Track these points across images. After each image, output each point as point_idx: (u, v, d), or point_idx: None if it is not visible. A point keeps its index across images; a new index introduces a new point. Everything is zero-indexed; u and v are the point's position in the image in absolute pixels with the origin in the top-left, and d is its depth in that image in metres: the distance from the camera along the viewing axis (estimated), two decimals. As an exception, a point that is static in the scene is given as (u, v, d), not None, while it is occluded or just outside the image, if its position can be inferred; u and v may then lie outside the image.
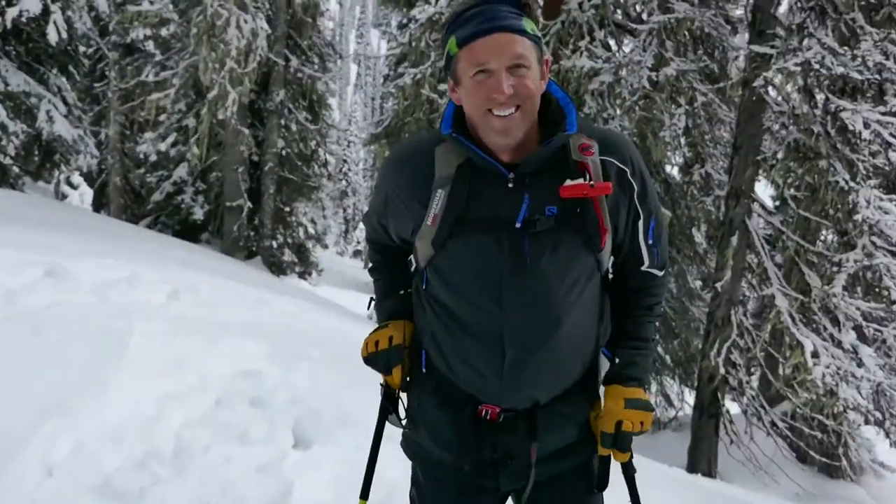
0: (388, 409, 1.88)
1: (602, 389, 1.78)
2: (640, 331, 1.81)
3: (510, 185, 1.61)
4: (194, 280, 5.95)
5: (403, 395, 1.88)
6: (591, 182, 1.60)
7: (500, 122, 1.56)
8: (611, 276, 1.78)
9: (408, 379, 1.83)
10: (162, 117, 15.52)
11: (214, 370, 3.78)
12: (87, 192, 21.90)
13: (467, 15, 1.59)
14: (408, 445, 1.87)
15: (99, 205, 19.53)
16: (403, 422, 1.86)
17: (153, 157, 15.81)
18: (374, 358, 1.83)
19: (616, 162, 1.67)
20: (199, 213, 14.74)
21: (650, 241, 1.75)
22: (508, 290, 1.61)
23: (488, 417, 1.70)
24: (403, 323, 1.84)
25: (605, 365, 1.77)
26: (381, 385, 1.89)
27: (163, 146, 15.36)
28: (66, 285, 4.95)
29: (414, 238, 1.72)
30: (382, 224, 1.86)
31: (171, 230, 14.90)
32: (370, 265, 2.01)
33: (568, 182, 1.60)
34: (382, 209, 1.82)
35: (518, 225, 1.60)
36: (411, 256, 1.81)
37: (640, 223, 1.72)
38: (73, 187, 21.79)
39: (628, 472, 1.81)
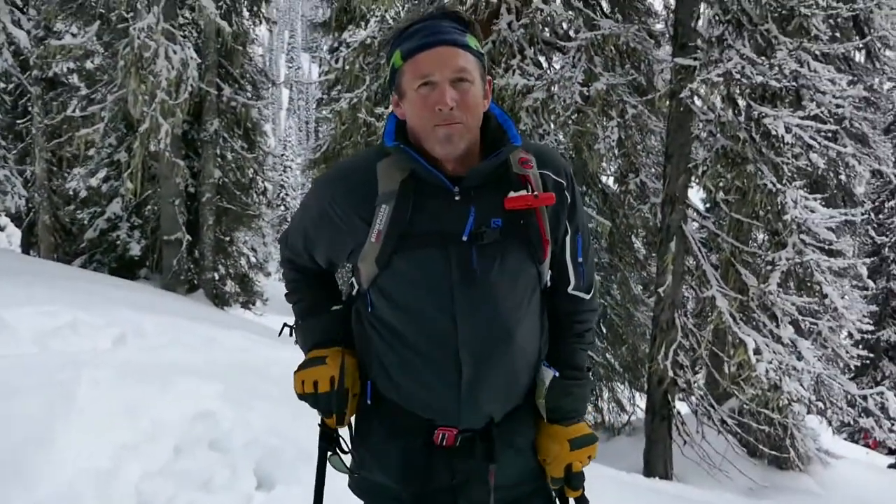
0: (326, 450, 1.79)
1: (542, 403, 1.74)
2: (572, 359, 1.80)
3: (457, 198, 1.61)
4: (139, 321, 5.83)
5: (343, 432, 1.81)
6: (535, 193, 1.63)
7: (444, 129, 1.57)
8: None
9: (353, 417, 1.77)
10: (91, 152, 15.11)
11: (169, 416, 3.70)
12: (14, 233, 21.11)
13: (412, 30, 1.62)
14: (356, 484, 1.79)
15: (28, 245, 18.88)
16: (348, 462, 1.78)
17: (84, 194, 15.38)
18: (313, 400, 1.73)
19: (552, 175, 1.70)
20: (135, 249, 14.38)
21: (577, 259, 1.76)
22: (461, 304, 1.60)
23: (444, 443, 1.67)
24: (342, 353, 1.72)
25: (548, 375, 1.74)
26: (319, 425, 1.79)
27: (94, 182, 14.96)
28: (3, 336, 4.79)
29: (354, 259, 1.68)
30: (307, 247, 1.79)
31: (106, 268, 14.50)
32: (287, 290, 1.91)
33: (512, 194, 1.62)
34: (312, 230, 1.76)
35: (465, 238, 1.59)
36: (353, 279, 1.76)
37: (568, 239, 1.74)
38: (0, 229, 21.00)
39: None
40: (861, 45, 10.03)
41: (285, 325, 1.92)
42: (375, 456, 1.73)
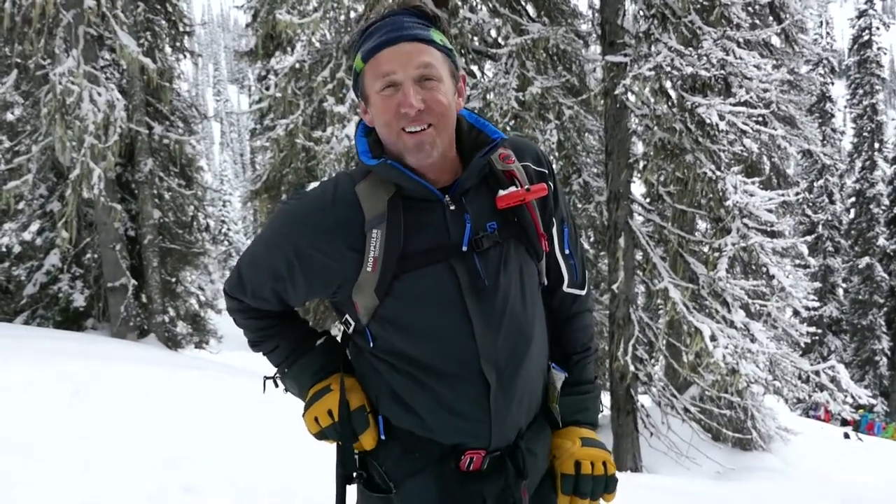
0: (347, 479, 1.62)
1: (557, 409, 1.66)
2: (582, 375, 1.73)
3: (451, 208, 1.52)
4: (94, 372, 5.59)
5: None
6: (526, 186, 1.55)
7: (412, 139, 1.46)
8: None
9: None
10: (21, 205, 14.60)
11: (138, 464, 3.57)
12: (-54, 296, 20.23)
13: (371, 29, 1.52)
14: None
15: (-37, 308, 18.11)
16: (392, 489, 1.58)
17: (17, 249, 14.85)
18: (333, 430, 1.59)
19: (533, 165, 1.62)
20: (79, 300, 13.86)
21: (566, 252, 1.68)
22: (476, 317, 1.50)
23: (472, 467, 1.56)
24: (341, 376, 1.60)
25: (559, 378, 1.67)
26: (352, 452, 1.61)
27: (27, 235, 14.45)
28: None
29: (344, 295, 1.54)
30: (278, 289, 1.61)
31: (51, 322, 13.97)
32: (253, 340, 1.73)
33: (501, 192, 1.54)
34: (285, 271, 1.57)
35: (464, 248, 1.50)
36: (346, 316, 1.59)
37: (555, 231, 1.65)
38: (-69, 293, 20.06)
39: None
40: (779, 31, 10.39)
41: (266, 378, 1.75)
42: (403, 495, 1.58)
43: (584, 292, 1.74)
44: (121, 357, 7.48)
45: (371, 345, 1.57)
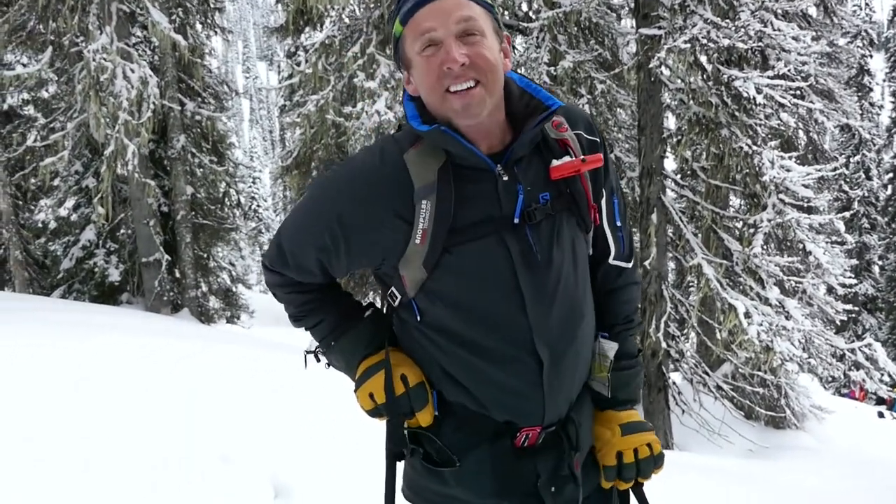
0: (398, 456, 1.59)
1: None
2: (625, 348, 1.68)
3: (505, 178, 1.45)
4: (130, 344, 5.71)
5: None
6: (582, 157, 1.48)
7: (459, 100, 1.39)
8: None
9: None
10: (57, 181, 14.85)
11: (174, 434, 3.62)
12: (-15, 272, 20.67)
13: None
14: (426, 498, 1.60)
15: (1, 283, 18.52)
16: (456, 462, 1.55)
17: (53, 224, 15.13)
18: (389, 407, 1.54)
19: (585, 134, 1.55)
20: (114, 275, 14.13)
21: (615, 224, 1.61)
22: (529, 293, 1.45)
23: (527, 443, 1.54)
24: (387, 351, 1.55)
25: (611, 348, 1.63)
26: (404, 428, 1.57)
27: (63, 211, 14.71)
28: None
29: (390, 266, 1.50)
30: (322, 260, 1.54)
31: (87, 296, 14.25)
32: (296, 315, 1.66)
33: (555, 162, 1.48)
34: (329, 241, 1.50)
35: (517, 220, 1.44)
36: (392, 289, 1.54)
37: (604, 202, 1.58)
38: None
39: (638, 490, 1.68)
40: (818, 2, 10.14)
41: (307, 352, 1.70)
42: (456, 471, 1.54)
43: (630, 265, 1.69)
44: (156, 332, 7.62)
45: (418, 319, 1.52)
